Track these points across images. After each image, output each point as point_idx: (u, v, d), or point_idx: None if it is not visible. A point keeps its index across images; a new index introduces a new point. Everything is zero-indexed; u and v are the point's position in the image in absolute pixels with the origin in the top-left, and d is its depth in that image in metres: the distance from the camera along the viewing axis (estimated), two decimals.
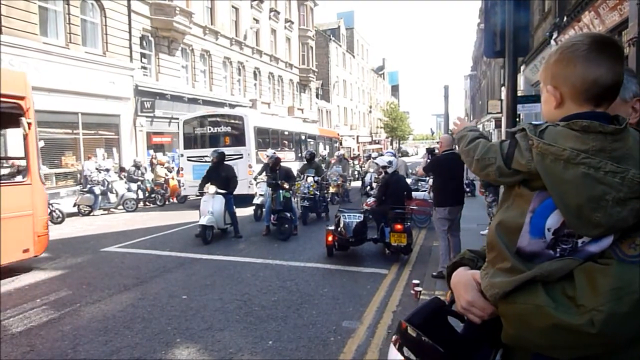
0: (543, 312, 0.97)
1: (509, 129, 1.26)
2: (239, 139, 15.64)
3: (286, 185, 9.56)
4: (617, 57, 1.07)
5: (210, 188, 9.22)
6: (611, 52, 1.06)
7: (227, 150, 14.38)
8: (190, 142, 16.34)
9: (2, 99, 6.38)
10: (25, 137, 6.87)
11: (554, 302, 0.97)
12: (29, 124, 6.80)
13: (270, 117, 24.06)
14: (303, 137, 22.03)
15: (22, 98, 6.79)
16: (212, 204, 9.05)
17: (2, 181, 6.89)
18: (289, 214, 9.35)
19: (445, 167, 6.33)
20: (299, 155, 20.05)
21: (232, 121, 16.32)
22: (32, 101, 6.97)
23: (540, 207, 1.04)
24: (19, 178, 7.08)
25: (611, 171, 0.95)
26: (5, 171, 7.43)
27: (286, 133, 20.11)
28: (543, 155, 1.01)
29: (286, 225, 9.33)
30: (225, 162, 9.83)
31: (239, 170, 14.64)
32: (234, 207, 9.55)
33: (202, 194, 9.40)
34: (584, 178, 0.96)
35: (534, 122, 1.10)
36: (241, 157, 15.21)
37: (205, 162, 14.00)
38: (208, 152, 14.25)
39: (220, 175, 9.36)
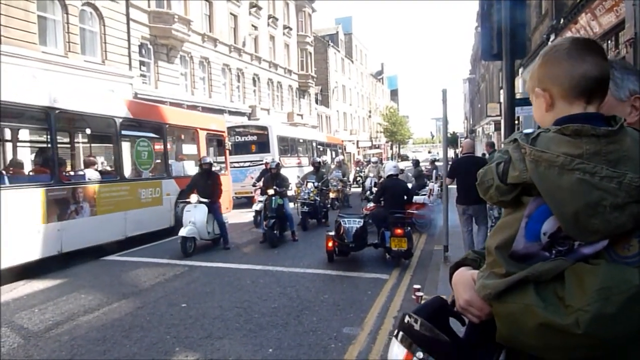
0: (532, 312, 0.96)
1: (504, 140, 1.24)
2: (264, 147, 17.44)
3: (270, 191, 9.42)
4: (598, 53, 1.08)
5: (193, 197, 8.95)
6: (592, 49, 1.08)
7: (253, 157, 17.05)
8: None
9: (216, 132, 13.29)
10: (224, 151, 13.65)
11: (543, 301, 0.96)
12: (228, 144, 13.98)
13: (288, 126, 26.52)
14: (314, 144, 23.62)
15: (223, 132, 13.75)
16: (194, 214, 8.77)
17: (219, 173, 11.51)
18: (272, 221, 9.13)
19: (463, 168, 6.93)
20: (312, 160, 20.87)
21: (258, 131, 18.27)
22: (226, 134, 14.08)
23: (537, 212, 1.02)
24: (222, 171, 12.65)
25: (607, 176, 0.93)
26: (217, 168, 12.14)
27: (301, 141, 21.81)
28: (537, 162, 0.99)
29: (275, 232, 9.22)
30: (213, 170, 9.80)
31: None
32: (222, 215, 9.43)
33: (185, 203, 9.15)
34: (579, 184, 0.94)
35: (524, 131, 1.09)
36: None
37: (234, 167, 16.83)
38: (237, 158, 17.24)
39: (207, 183, 9.16)
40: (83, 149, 11.75)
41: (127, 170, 10.15)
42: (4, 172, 7.84)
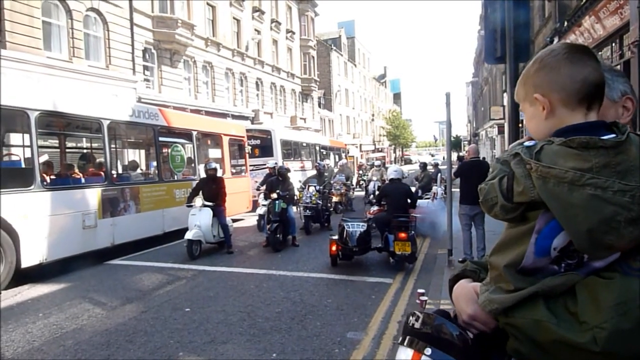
0: (544, 327, 0.93)
1: (498, 157, 1.19)
2: (267, 151, 17.56)
3: (273, 195, 9.42)
4: (595, 58, 1.06)
5: (197, 201, 9.00)
6: (590, 54, 1.06)
7: (257, 161, 17.09)
8: None
9: (237, 138, 14.21)
10: (244, 154, 14.66)
11: (556, 317, 0.93)
12: (248, 148, 14.99)
13: (291, 130, 26.88)
14: (317, 148, 23.62)
15: (243, 137, 14.69)
16: (200, 218, 8.83)
17: (238, 175, 13.85)
18: (275, 225, 9.10)
19: (468, 170, 7.54)
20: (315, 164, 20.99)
21: (261, 135, 18.37)
22: (246, 138, 14.97)
23: (547, 228, 0.98)
24: (242, 174, 14.32)
25: (620, 190, 0.90)
26: (238, 170, 14.31)
27: (304, 145, 21.87)
28: (544, 179, 0.95)
29: (277, 236, 9.19)
30: (218, 175, 9.80)
31: None
32: (226, 219, 9.39)
33: (190, 207, 9.18)
34: (592, 200, 0.90)
35: (525, 144, 1.04)
36: None
37: None
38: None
39: (212, 187, 9.19)
40: (126, 153, 12.46)
41: (164, 173, 11.04)
42: (68, 174, 9.13)
